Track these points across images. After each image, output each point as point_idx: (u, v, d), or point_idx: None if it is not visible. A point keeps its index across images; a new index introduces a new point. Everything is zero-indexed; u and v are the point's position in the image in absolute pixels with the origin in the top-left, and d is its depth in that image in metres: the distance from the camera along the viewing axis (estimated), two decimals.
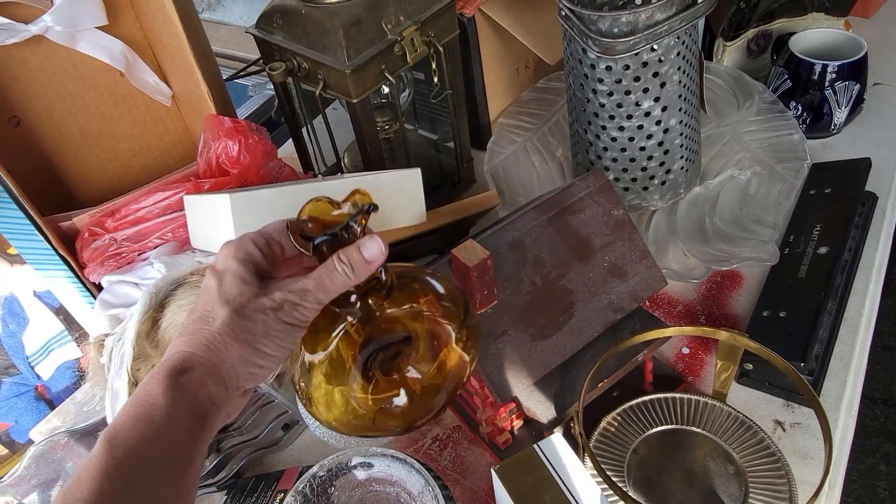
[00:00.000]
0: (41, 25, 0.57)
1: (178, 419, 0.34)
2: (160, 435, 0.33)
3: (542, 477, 0.44)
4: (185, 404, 0.34)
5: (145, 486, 0.32)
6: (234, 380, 0.37)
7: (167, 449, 0.34)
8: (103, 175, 0.70)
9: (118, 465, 0.32)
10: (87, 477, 0.32)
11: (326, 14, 0.64)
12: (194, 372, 0.35)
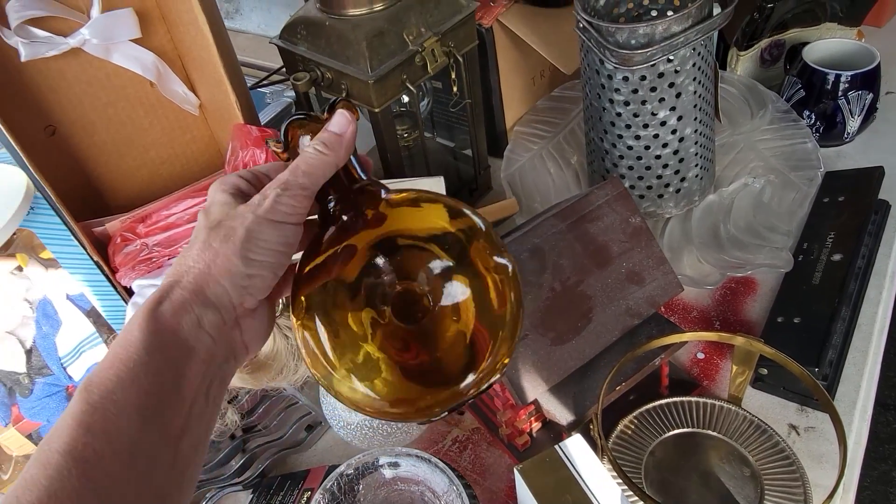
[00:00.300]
0: (79, 38, 0.59)
1: (158, 353, 0.30)
2: (138, 373, 0.30)
3: (563, 477, 0.45)
4: (165, 336, 0.31)
5: (125, 430, 0.29)
6: (225, 297, 0.33)
7: (148, 388, 0.30)
8: (133, 182, 0.72)
9: (94, 410, 0.29)
10: (63, 425, 0.29)
11: (350, 26, 0.66)
12: (173, 297, 0.32)
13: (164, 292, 0.32)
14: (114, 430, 0.29)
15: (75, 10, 0.60)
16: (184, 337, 0.32)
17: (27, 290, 0.64)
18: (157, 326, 0.31)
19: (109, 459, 0.28)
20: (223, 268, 0.32)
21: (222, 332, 0.33)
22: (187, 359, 0.31)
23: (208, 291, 0.32)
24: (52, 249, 0.60)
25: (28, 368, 0.66)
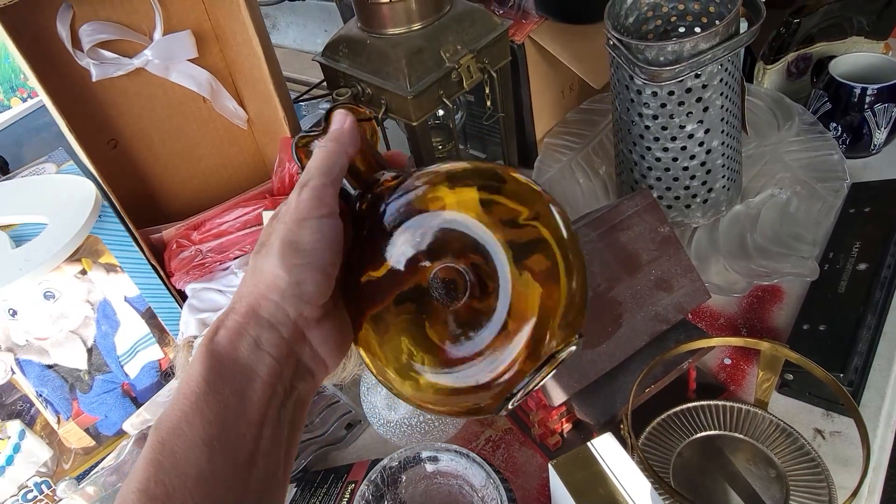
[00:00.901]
0: (142, 59, 0.64)
1: (219, 382, 0.31)
2: (201, 406, 0.30)
3: (595, 472, 0.48)
4: (224, 363, 0.31)
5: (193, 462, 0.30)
6: (281, 313, 0.32)
7: (213, 418, 0.30)
8: (184, 191, 0.77)
9: (163, 447, 0.30)
10: (138, 465, 0.30)
11: (390, 44, 0.69)
12: (227, 324, 0.32)
13: (220, 322, 0.32)
14: (183, 463, 0.29)
15: (139, 32, 0.65)
16: (243, 362, 0.31)
17: (89, 292, 0.69)
18: (214, 356, 0.31)
19: (181, 493, 0.29)
20: (270, 284, 0.32)
21: (284, 349, 0.32)
22: (249, 382, 0.31)
23: (261, 311, 0.32)
24: (116, 254, 0.64)
25: (88, 366, 0.70)
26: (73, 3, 0.61)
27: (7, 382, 0.67)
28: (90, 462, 0.72)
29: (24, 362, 0.68)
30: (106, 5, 0.63)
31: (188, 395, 0.30)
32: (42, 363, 0.68)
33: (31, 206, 0.62)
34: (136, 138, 0.71)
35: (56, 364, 0.69)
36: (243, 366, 0.31)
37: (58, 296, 0.67)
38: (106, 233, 0.63)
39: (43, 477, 0.69)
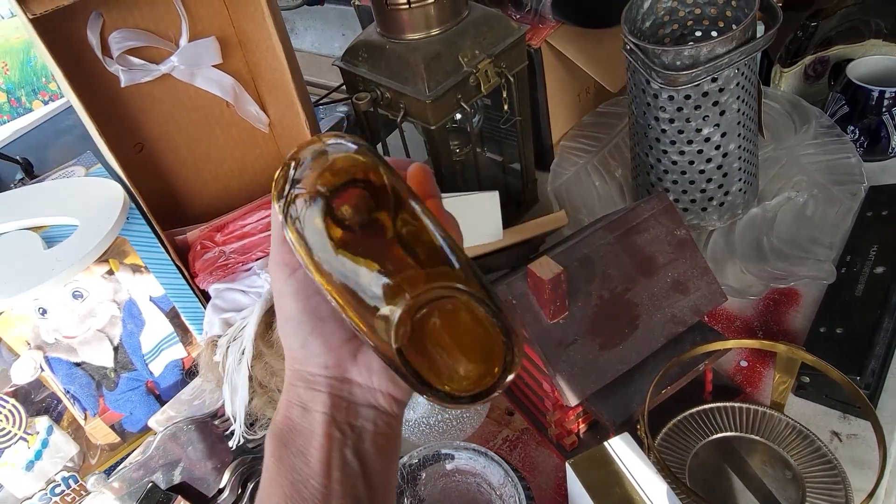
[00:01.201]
0: (169, 65, 0.66)
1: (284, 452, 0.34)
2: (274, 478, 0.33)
3: (612, 471, 0.48)
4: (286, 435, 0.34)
5: None
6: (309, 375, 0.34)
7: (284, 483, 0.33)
8: (207, 194, 0.79)
9: None
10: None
11: (408, 49, 0.70)
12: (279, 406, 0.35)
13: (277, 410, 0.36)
14: None
15: (166, 39, 0.67)
16: (298, 428, 0.34)
17: (116, 292, 0.71)
18: (276, 435, 0.34)
19: None
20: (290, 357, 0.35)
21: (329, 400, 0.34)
22: (308, 441, 0.34)
23: (296, 380, 0.35)
24: (142, 255, 0.66)
25: (115, 364, 0.72)
26: (104, 12, 0.63)
27: (36, 380, 0.69)
28: (115, 458, 0.74)
29: (52, 360, 0.70)
30: (134, 13, 0.64)
31: (264, 478, 0.34)
32: (70, 361, 0.70)
33: (61, 208, 0.64)
34: (161, 142, 0.73)
35: (83, 362, 0.71)
36: (299, 430, 0.34)
37: (86, 295, 0.69)
38: (133, 234, 0.65)
39: (70, 472, 0.70)
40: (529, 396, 0.66)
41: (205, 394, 0.65)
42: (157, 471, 0.59)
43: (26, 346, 0.68)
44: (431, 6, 0.69)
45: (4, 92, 1.31)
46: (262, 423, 0.60)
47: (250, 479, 0.62)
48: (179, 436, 0.60)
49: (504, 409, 0.70)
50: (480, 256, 0.67)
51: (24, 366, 0.69)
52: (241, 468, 0.62)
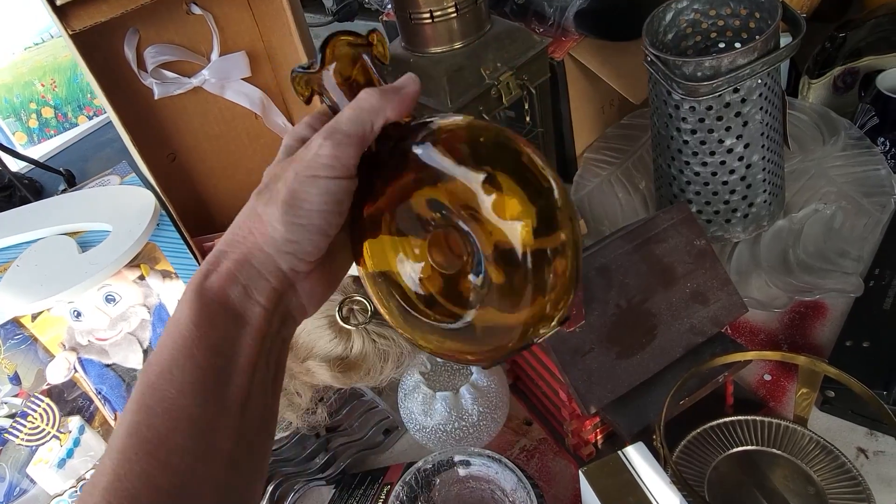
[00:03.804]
0: (200, 78, 0.68)
1: (207, 327, 0.30)
2: (191, 349, 0.30)
3: (626, 480, 0.48)
4: (214, 308, 0.30)
5: (184, 406, 0.29)
6: (271, 264, 0.31)
7: (204, 363, 0.30)
8: (236, 202, 0.80)
9: (153, 391, 0.29)
10: (127, 409, 0.30)
11: (431, 62, 0.72)
12: (220, 269, 0.31)
13: (212, 265, 0.31)
14: (173, 407, 0.29)
15: (198, 53, 0.70)
16: (234, 308, 0.31)
17: (146, 296, 0.73)
18: (205, 300, 0.30)
19: (172, 435, 0.29)
20: (266, 235, 0.31)
21: (274, 299, 0.32)
22: (240, 329, 0.31)
23: (254, 261, 0.31)
24: (171, 261, 0.68)
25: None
26: (140, 28, 0.66)
27: (69, 380, 0.72)
28: None
29: (85, 361, 0.72)
30: (169, 29, 0.67)
31: (177, 340, 0.30)
32: (102, 362, 0.73)
33: (96, 215, 0.66)
34: (193, 152, 0.75)
35: (114, 363, 0.73)
36: (234, 313, 0.31)
37: (118, 299, 0.71)
38: (163, 240, 0.67)
39: None
40: (547, 406, 0.66)
41: None
42: None
43: (61, 347, 0.71)
44: (454, 20, 0.70)
45: (52, 108, 1.37)
46: (282, 425, 0.61)
47: (270, 481, 0.63)
48: None
49: (522, 419, 0.70)
50: None
51: (59, 366, 0.72)
52: None
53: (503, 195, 0.30)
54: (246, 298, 0.31)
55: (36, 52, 1.33)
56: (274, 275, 0.31)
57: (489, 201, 0.30)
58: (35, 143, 1.38)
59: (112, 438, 0.30)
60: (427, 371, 0.68)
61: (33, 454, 0.70)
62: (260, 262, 0.31)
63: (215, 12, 0.69)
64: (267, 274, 0.31)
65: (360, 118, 0.31)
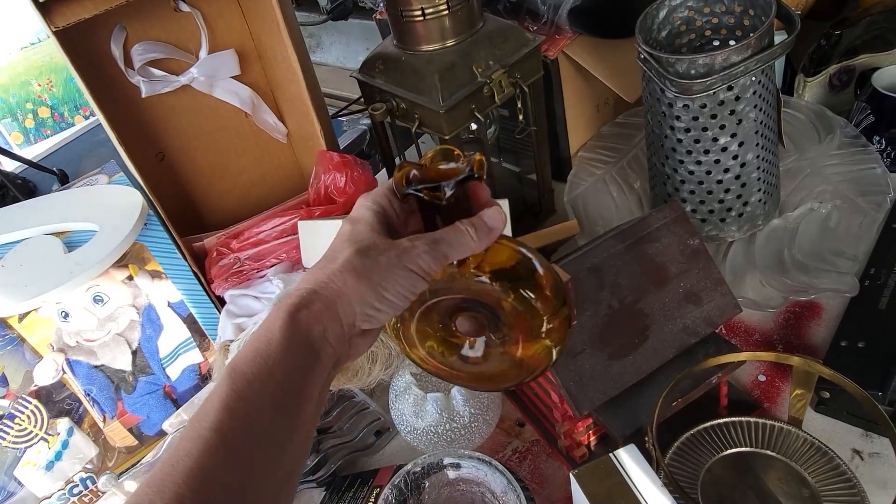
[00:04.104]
0: (189, 76, 0.67)
1: (292, 355, 0.34)
2: (275, 369, 0.34)
3: (617, 483, 0.47)
4: (301, 339, 0.35)
5: (261, 417, 0.33)
6: (351, 318, 0.36)
7: (282, 383, 0.34)
8: (226, 202, 0.80)
9: (237, 396, 0.33)
10: (211, 407, 0.33)
11: (423, 60, 0.71)
12: (313, 307, 0.35)
13: (304, 300, 0.36)
14: (253, 416, 0.33)
15: (186, 51, 0.69)
16: (313, 344, 0.35)
17: (135, 297, 0.73)
18: (294, 330, 0.35)
19: (248, 440, 0.33)
20: (359, 295, 0.36)
21: (340, 345, 0.37)
22: (314, 363, 0.35)
23: (340, 310, 0.36)
24: (160, 261, 0.68)
25: (133, 367, 0.74)
26: (127, 25, 0.65)
27: (58, 381, 0.71)
28: (132, 460, 0.75)
29: (73, 362, 0.72)
30: (156, 26, 0.67)
31: (265, 357, 0.34)
32: (90, 364, 0.72)
33: (82, 214, 0.66)
34: (181, 151, 0.74)
35: (103, 365, 0.73)
36: (313, 349, 0.35)
37: (106, 300, 0.71)
38: (151, 240, 0.67)
39: (88, 473, 0.72)
40: (539, 407, 0.65)
41: None
42: None
43: (49, 348, 0.71)
44: (446, 17, 0.70)
45: (49, 108, 1.37)
46: None
47: None
48: None
49: (514, 421, 0.69)
50: None
51: (47, 367, 0.71)
52: None
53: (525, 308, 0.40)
54: (323, 338, 0.36)
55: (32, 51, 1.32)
56: (348, 326, 0.37)
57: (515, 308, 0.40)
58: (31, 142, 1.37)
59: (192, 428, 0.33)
60: (418, 372, 0.68)
61: (21, 456, 0.69)
62: (343, 313, 0.36)
63: (203, 9, 0.68)
64: (344, 323, 0.37)
65: (458, 249, 0.38)
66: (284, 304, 0.36)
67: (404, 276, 0.36)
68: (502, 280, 0.40)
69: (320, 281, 0.36)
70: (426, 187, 0.37)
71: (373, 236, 0.37)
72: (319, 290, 0.36)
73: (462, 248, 0.38)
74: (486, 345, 0.42)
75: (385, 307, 0.37)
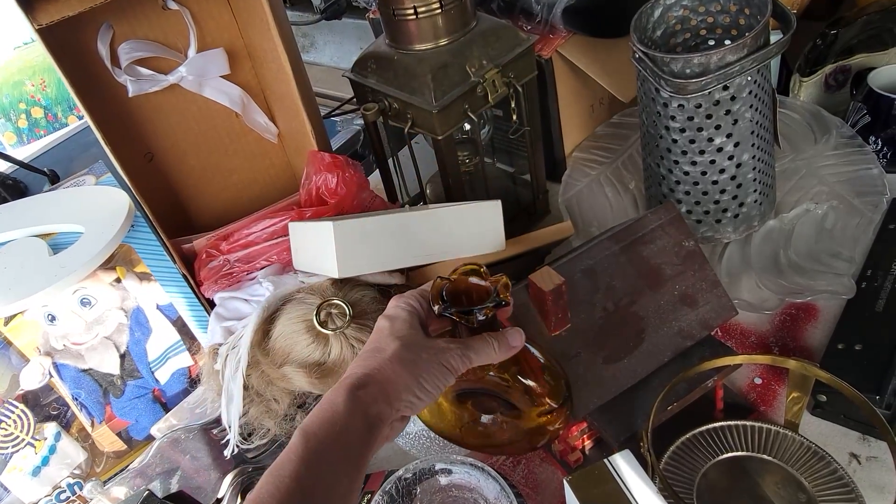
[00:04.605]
0: (177, 75, 0.66)
1: (354, 425, 0.41)
2: (342, 436, 0.40)
3: (612, 489, 0.46)
4: (360, 414, 0.41)
5: (329, 475, 0.39)
6: (398, 402, 0.43)
7: (346, 448, 0.40)
8: (216, 203, 0.79)
9: (311, 454, 0.39)
10: (288, 461, 0.39)
11: (416, 59, 0.70)
12: (369, 388, 0.42)
13: (363, 382, 0.43)
14: (324, 472, 0.39)
15: (175, 50, 0.68)
16: (369, 419, 0.42)
17: (123, 300, 0.71)
18: (355, 405, 0.41)
19: (317, 494, 0.39)
20: (404, 383, 0.43)
21: (385, 427, 0.43)
22: (370, 437, 0.42)
23: (390, 392, 0.43)
24: (148, 263, 0.67)
25: (121, 371, 0.73)
26: (114, 23, 0.64)
27: (45, 386, 0.70)
28: (121, 465, 0.74)
29: (60, 366, 0.70)
30: (143, 24, 0.66)
31: (332, 424, 0.41)
32: (77, 367, 0.71)
33: (68, 216, 0.64)
34: (170, 152, 0.73)
35: (90, 368, 0.72)
36: (369, 422, 0.42)
37: (94, 303, 0.70)
38: (139, 242, 0.65)
39: (76, 479, 0.71)
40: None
41: (207, 402, 0.65)
42: (155, 479, 0.59)
43: (36, 352, 0.69)
44: (439, 16, 0.69)
45: (42, 108, 1.35)
46: (260, 433, 0.59)
47: (250, 489, 0.61)
48: (178, 444, 0.60)
49: None
50: None
51: (33, 371, 0.70)
52: (241, 477, 0.61)
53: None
54: (377, 416, 0.42)
55: (25, 51, 1.31)
56: (394, 407, 0.43)
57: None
58: (24, 143, 1.36)
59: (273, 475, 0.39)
60: None
61: (7, 462, 0.68)
62: (393, 397, 0.43)
63: (192, 7, 0.67)
64: (393, 405, 0.43)
65: (482, 358, 0.45)
66: (344, 382, 0.42)
67: (440, 371, 0.44)
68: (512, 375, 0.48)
69: (373, 367, 0.43)
70: (459, 311, 0.45)
71: (414, 333, 0.45)
72: (373, 375, 0.43)
73: (485, 358, 0.45)
74: (498, 420, 0.50)
75: (424, 396, 0.43)
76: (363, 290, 0.58)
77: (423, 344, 0.44)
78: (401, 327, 0.45)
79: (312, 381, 0.55)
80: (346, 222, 0.56)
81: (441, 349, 0.44)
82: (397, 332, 0.45)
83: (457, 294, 0.47)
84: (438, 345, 0.44)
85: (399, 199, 0.87)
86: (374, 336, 0.46)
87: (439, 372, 0.44)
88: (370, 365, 0.43)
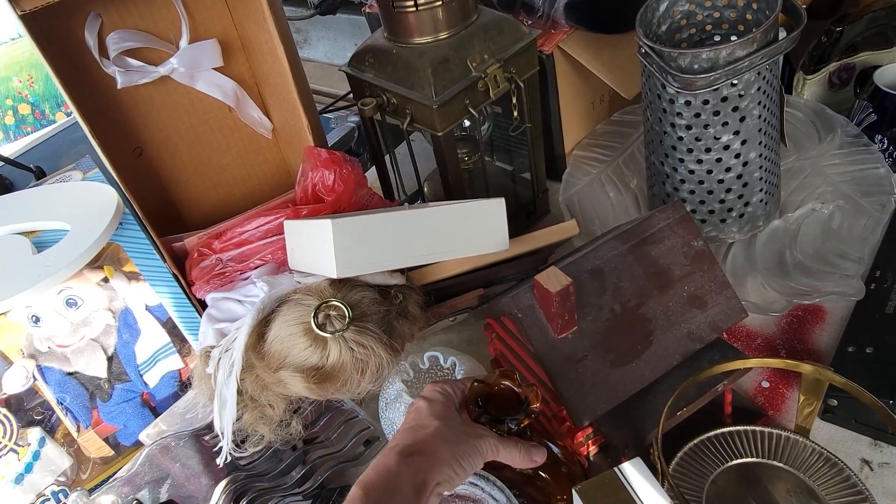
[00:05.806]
0: (168, 67, 0.64)
1: (404, 486, 0.44)
2: (395, 494, 0.44)
3: (622, 499, 0.45)
4: (409, 478, 0.45)
5: None
6: (438, 475, 0.46)
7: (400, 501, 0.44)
8: (209, 200, 0.77)
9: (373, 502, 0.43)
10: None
11: (416, 53, 0.68)
12: (415, 457, 0.46)
13: (411, 450, 0.47)
14: None
15: (166, 41, 0.65)
16: (416, 485, 0.45)
17: (111, 300, 0.69)
18: (407, 468, 0.45)
19: None
20: (445, 459, 0.46)
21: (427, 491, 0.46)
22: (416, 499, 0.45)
23: (434, 463, 0.46)
24: (136, 262, 0.64)
25: (109, 374, 0.70)
26: (102, 12, 0.61)
27: (28, 389, 0.67)
28: (108, 472, 0.71)
29: (45, 369, 0.68)
30: (133, 14, 0.63)
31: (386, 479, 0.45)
32: (63, 370, 0.68)
33: (54, 213, 0.62)
34: (161, 146, 0.71)
35: (76, 372, 0.69)
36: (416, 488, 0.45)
37: (80, 303, 0.67)
38: (127, 240, 0.63)
39: (61, 486, 0.68)
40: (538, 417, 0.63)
41: (198, 407, 0.63)
42: (144, 487, 0.56)
43: (20, 354, 0.67)
44: (439, 9, 0.67)
45: (29, 104, 1.33)
46: (254, 439, 0.57)
47: (242, 497, 0.59)
48: (168, 451, 0.58)
49: None
50: (485, 267, 0.64)
51: (16, 374, 0.67)
52: (234, 485, 0.59)
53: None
54: (423, 484, 0.45)
55: (13, 47, 1.29)
56: (434, 479, 0.46)
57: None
58: (11, 139, 1.33)
59: None
60: (410, 379, 0.65)
61: None
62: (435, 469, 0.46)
63: None
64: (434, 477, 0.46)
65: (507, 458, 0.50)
66: (393, 448, 0.47)
67: (475, 454, 0.48)
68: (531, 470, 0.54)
69: (418, 440, 0.47)
70: (492, 420, 0.50)
71: (453, 416, 0.50)
72: (420, 446, 0.47)
73: (508, 459, 0.50)
74: None
75: (461, 472, 0.47)
76: (363, 291, 0.56)
77: (461, 426, 0.49)
78: (439, 409, 0.49)
79: (310, 385, 0.53)
80: (346, 220, 0.54)
81: (479, 434, 0.49)
82: (437, 413, 0.49)
83: (489, 396, 0.51)
84: (477, 430, 0.49)
85: (396, 198, 0.85)
86: (413, 415, 0.50)
87: (475, 454, 0.48)
88: (415, 438, 0.47)
